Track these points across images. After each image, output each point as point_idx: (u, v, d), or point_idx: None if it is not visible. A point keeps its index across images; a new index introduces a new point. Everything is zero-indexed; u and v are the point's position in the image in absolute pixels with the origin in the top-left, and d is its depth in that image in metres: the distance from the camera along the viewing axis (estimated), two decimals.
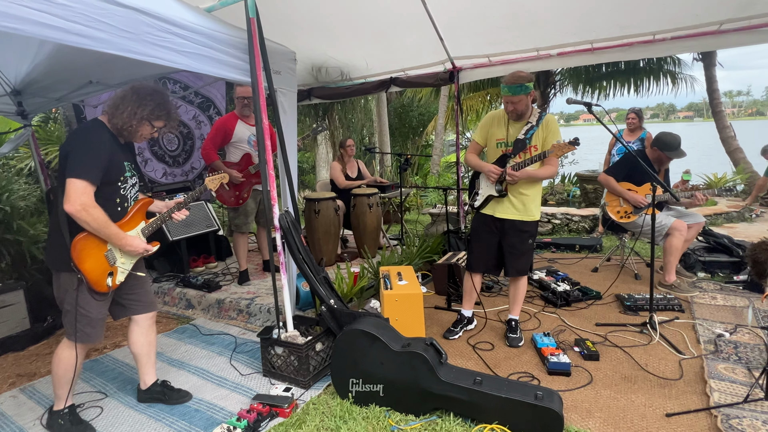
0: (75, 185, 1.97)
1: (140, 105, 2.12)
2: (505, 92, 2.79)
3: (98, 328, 2.22)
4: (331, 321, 2.69)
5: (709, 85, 9.03)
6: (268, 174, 2.60)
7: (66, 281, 2.13)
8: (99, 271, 2.12)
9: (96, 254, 2.10)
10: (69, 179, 1.97)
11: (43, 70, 3.11)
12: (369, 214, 4.72)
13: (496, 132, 2.97)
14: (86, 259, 2.08)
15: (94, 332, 2.20)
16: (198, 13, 2.36)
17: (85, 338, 2.19)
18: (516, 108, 2.79)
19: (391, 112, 13.10)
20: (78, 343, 2.18)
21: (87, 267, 2.08)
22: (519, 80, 2.74)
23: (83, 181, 1.98)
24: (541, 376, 2.61)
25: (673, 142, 3.75)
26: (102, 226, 2.05)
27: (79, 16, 1.72)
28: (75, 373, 2.22)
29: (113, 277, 2.18)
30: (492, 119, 3.01)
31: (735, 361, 2.67)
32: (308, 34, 4.06)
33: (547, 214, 6.19)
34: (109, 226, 2.08)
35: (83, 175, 1.98)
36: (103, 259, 2.13)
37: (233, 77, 2.55)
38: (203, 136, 5.46)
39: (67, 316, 2.15)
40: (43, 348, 3.32)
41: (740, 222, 6.17)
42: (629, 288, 3.92)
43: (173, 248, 4.45)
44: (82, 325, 2.15)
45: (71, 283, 2.11)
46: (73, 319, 2.13)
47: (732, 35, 3.45)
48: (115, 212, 2.16)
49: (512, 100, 2.78)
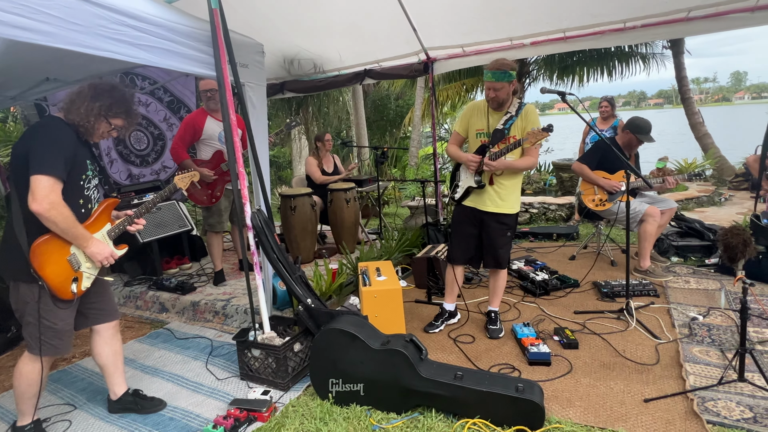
0: (41, 182, 1.84)
1: (96, 101, 2.01)
2: (488, 78, 2.73)
3: (66, 339, 2.12)
4: (308, 321, 2.63)
5: (678, 72, 9.21)
6: (239, 172, 2.51)
7: (25, 292, 2.00)
8: (62, 277, 2.00)
9: (57, 259, 1.98)
10: (34, 176, 1.85)
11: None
12: (347, 208, 4.65)
13: (475, 122, 2.93)
14: (47, 264, 1.95)
15: (62, 344, 2.10)
16: (156, 5, 2.23)
17: (53, 351, 2.08)
18: (497, 95, 2.74)
19: (369, 104, 12.98)
20: (45, 356, 2.06)
21: (48, 273, 1.96)
22: (503, 67, 2.70)
23: (50, 177, 1.86)
24: (521, 367, 2.61)
25: (645, 126, 3.82)
26: (70, 225, 1.94)
27: (20, 8, 1.58)
28: (40, 388, 2.11)
29: (78, 283, 2.06)
30: (472, 109, 2.97)
31: (709, 343, 2.72)
32: (278, 27, 3.95)
33: (525, 203, 6.23)
34: (77, 227, 1.97)
35: (49, 170, 1.86)
36: (66, 264, 2.01)
37: (197, 71, 2.44)
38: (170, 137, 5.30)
39: (28, 328, 2.03)
40: (6, 360, 3.16)
41: (710, 206, 6.33)
42: (606, 275, 3.97)
43: (144, 250, 4.30)
44: (47, 337, 2.03)
45: (31, 294, 1.99)
46: (36, 332, 2.00)
47: (700, 22, 3.50)
48: (78, 213, 2.03)
49: (494, 87, 2.72)
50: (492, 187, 2.87)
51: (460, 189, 3.01)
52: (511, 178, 2.89)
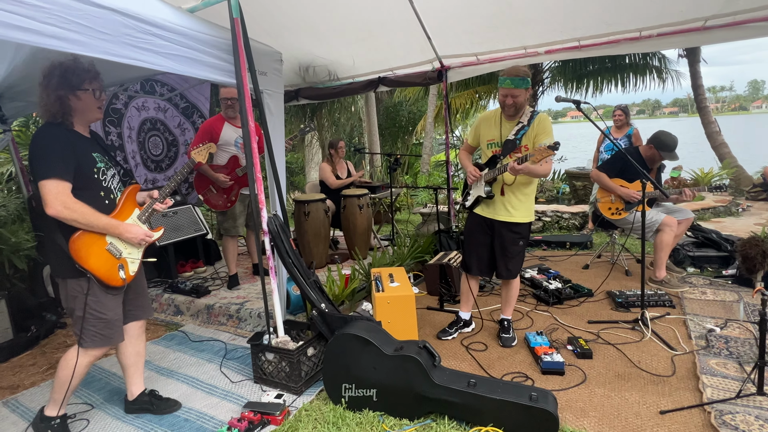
0: (47, 187, 1.90)
1: (49, 83, 1.96)
2: (507, 84, 2.67)
3: (116, 329, 2.18)
4: (322, 325, 2.65)
5: (694, 81, 9.13)
6: (256, 177, 2.55)
7: (73, 287, 2.07)
8: (107, 266, 2.06)
9: (97, 251, 2.05)
10: (40, 183, 1.90)
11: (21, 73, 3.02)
12: (359, 215, 4.68)
13: (486, 133, 2.92)
14: (89, 256, 2.02)
15: (113, 333, 2.16)
16: (180, 14, 2.30)
17: (106, 341, 2.15)
18: (516, 101, 2.70)
19: (381, 111, 13.05)
20: (97, 348, 2.13)
21: (93, 264, 2.03)
22: (520, 73, 2.68)
23: (53, 180, 1.91)
24: (534, 376, 2.60)
25: (670, 143, 3.73)
26: (91, 219, 1.99)
27: (54, 18, 1.65)
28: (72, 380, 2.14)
29: (125, 269, 2.13)
30: (483, 120, 2.96)
31: (726, 356, 2.68)
32: (294, 34, 4.01)
33: (538, 211, 6.21)
34: (100, 218, 2.02)
35: (50, 173, 1.90)
36: (107, 254, 2.08)
37: (218, 79, 2.50)
38: (187, 143, 5.38)
39: (79, 322, 2.08)
40: (26, 359, 3.23)
41: (727, 216, 6.24)
42: (620, 285, 3.94)
43: (161, 253, 4.37)
44: (99, 329, 2.10)
45: (79, 289, 2.06)
46: (85, 325, 2.07)
47: (717, 31, 3.47)
48: (103, 206, 2.09)
49: (513, 93, 2.68)
50: (505, 197, 2.86)
51: (471, 197, 3.01)
52: (523, 188, 2.85)
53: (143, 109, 4.97)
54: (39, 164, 1.92)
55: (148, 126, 5.04)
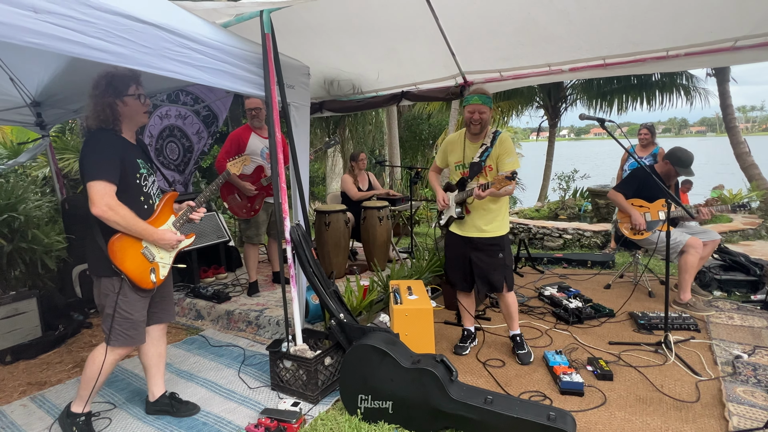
0: (95, 188, 2.01)
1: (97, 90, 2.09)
2: (474, 101, 2.83)
3: (140, 330, 2.26)
4: (340, 335, 2.67)
5: (723, 100, 8.95)
6: (280, 187, 2.61)
7: (106, 286, 2.17)
8: (141, 268, 2.16)
9: (133, 253, 2.15)
10: (88, 184, 2.02)
11: (62, 82, 3.18)
12: (379, 226, 4.72)
13: (452, 156, 3.06)
14: (125, 258, 2.12)
15: (137, 333, 2.24)
16: (215, 29, 2.40)
17: (129, 341, 2.22)
18: (482, 117, 2.85)
19: (402, 124, 13.14)
20: (121, 347, 2.21)
21: (128, 266, 2.13)
22: (487, 92, 2.88)
23: (101, 182, 2.02)
24: (553, 396, 2.56)
25: (686, 159, 3.72)
26: (131, 223, 2.08)
27: (101, 32, 1.75)
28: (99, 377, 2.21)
29: (156, 273, 2.23)
30: (449, 143, 3.11)
31: (754, 384, 2.59)
32: (321, 49, 4.11)
33: (559, 229, 6.14)
34: (138, 223, 2.12)
35: (99, 175, 2.02)
36: (142, 257, 2.17)
37: (247, 91, 2.58)
38: (201, 150, 5.51)
39: (108, 320, 2.17)
40: (54, 356, 3.34)
41: (756, 239, 6.05)
42: (643, 306, 3.85)
43: (184, 258, 4.48)
44: (124, 328, 2.19)
45: (112, 288, 2.15)
46: (111, 323, 2.15)
47: (747, 51, 3.42)
48: (142, 210, 2.19)
49: (480, 109, 2.84)
50: (471, 216, 2.97)
51: (444, 216, 3.12)
52: (490, 205, 2.93)
53: (166, 117, 5.09)
54: (89, 166, 2.04)
55: (167, 133, 5.18)
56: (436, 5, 3.46)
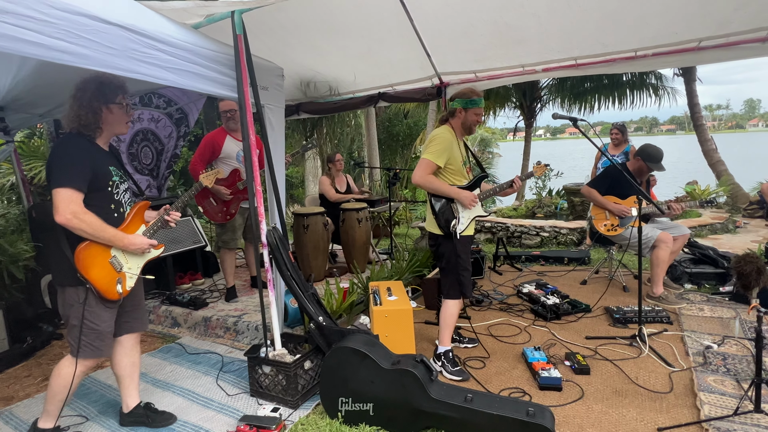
0: (60, 195, 1.94)
1: (84, 95, 2.04)
2: (480, 104, 2.93)
3: (107, 341, 2.19)
4: (319, 338, 2.65)
5: (690, 99, 9.25)
6: (256, 190, 2.58)
7: (71, 296, 2.09)
8: (107, 278, 2.09)
9: (101, 262, 2.08)
10: (54, 190, 1.95)
11: (26, 86, 3.07)
12: (358, 228, 4.70)
13: (457, 154, 2.89)
14: (92, 267, 2.04)
15: (103, 345, 2.17)
16: (185, 30, 2.35)
17: (96, 353, 2.15)
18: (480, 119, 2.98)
19: (380, 125, 13.16)
20: (87, 359, 2.14)
21: (94, 275, 2.05)
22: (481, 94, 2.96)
23: (67, 189, 1.95)
24: (532, 392, 2.59)
25: (656, 154, 3.83)
26: (98, 230, 2.01)
27: (62, 33, 1.69)
28: (69, 392, 2.14)
29: (123, 283, 2.15)
30: (450, 142, 2.87)
31: (724, 373, 2.68)
32: (296, 50, 4.07)
33: (536, 227, 6.23)
34: (106, 230, 2.05)
35: (66, 182, 1.95)
36: (109, 267, 2.10)
37: (220, 93, 2.54)
38: (172, 153, 5.40)
39: (73, 331, 2.10)
40: (21, 370, 3.21)
41: (724, 233, 6.26)
42: (618, 300, 3.94)
43: (159, 265, 4.37)
44: (90, 339, 2.11)
45: (77, 298, 2.08)
46: (77, 334, 2.07)
47: (711, 51, 3.54)
48: (111, 218, 2.12)
49: (481, 112, 2.96)
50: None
51: (465, 219, 2.84)
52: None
53: (138, 121, 4.97)
54: (57, 172, 1.97)
55: (141, 137, 5.06)
56: (410, 6, 3.48)
